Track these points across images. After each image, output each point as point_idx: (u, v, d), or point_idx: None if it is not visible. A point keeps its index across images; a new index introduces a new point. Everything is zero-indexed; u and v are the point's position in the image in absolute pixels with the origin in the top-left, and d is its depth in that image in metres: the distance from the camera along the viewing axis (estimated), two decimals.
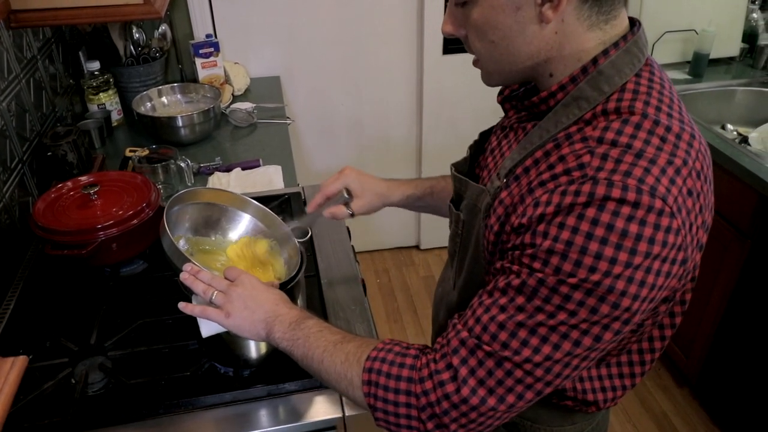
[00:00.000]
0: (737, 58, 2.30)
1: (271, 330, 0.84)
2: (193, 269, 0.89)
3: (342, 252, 1.31)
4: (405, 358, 0.75)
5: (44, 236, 1.14)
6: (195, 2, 2.08)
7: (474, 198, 0.81)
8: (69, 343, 1.05)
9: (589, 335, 0.65)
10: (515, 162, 0.73)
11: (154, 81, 1.97)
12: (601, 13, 0.67)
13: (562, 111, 0.70)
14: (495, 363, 0.68)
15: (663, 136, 0.64)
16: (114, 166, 1.66)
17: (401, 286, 2.67)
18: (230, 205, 1.12)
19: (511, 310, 0.67)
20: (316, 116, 2.43)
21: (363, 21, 2.27)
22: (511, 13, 0.67)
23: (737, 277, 1.73)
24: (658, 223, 0.61)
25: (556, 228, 0.63)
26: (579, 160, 0.64)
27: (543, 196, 0.65)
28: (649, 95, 0.68)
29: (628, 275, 0.61)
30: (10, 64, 1.40)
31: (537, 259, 0.64)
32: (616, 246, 0.60)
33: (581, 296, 0.62)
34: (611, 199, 0.60)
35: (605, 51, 0.68)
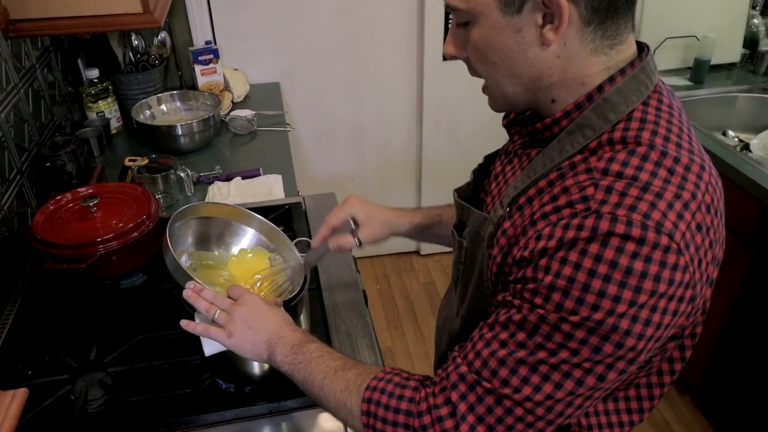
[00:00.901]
0: (738, 64, 2.30)
1: (273, 352, 0.83)
2: (196, 287, 0.88)
3: (343, 263, 1.30)
4: (404, 390, 0.73)
5: (43, 249, 1.13)
6: (194, 9, 2.08)
7: (477, 225, 0.79)
8: (68, 358, 1.04)
9: (592, 374, 0.62)
10: (518, 191, 0.71)
11: (153, 88, 1.96)
12: (605, 38, 0.65)
13: (567, 139, 0.68)
14: (495, 400, 0.66)
15: (671, 168, 0.62)
16: (113, 175, 1.64)
17: (401, 292, 2.66)
18: (233, 219, 1.11)
19: (512, 345, 0.65)
20: (315, 123, 2.43)
21: (363, 27, 2.27)
22: (512, 34, 0.65)
23: (740, 286, 1.73)
24: (664, 260, 0.58)
25: (558, 263, 0.61)
26: (582, 192, 0.62)
27: (545, 229, 0.63)
28: (656, 124, 0.65)
29: (632, 314, 0.59)
30: (8, 74, 1.39)
31: (538, 295, 0.62)
32: (619, 284, 0.58)
33: (583, 335, 0.60)
34: (615, 235, 0.58)
35: (611, 78, 0.67)
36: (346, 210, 1.06)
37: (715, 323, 1.84)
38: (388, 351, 2.36)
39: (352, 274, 1.27)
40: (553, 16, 0.62)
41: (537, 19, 0.63)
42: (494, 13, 0.65)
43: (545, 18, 0.63)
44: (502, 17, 0.64)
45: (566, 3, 0.61)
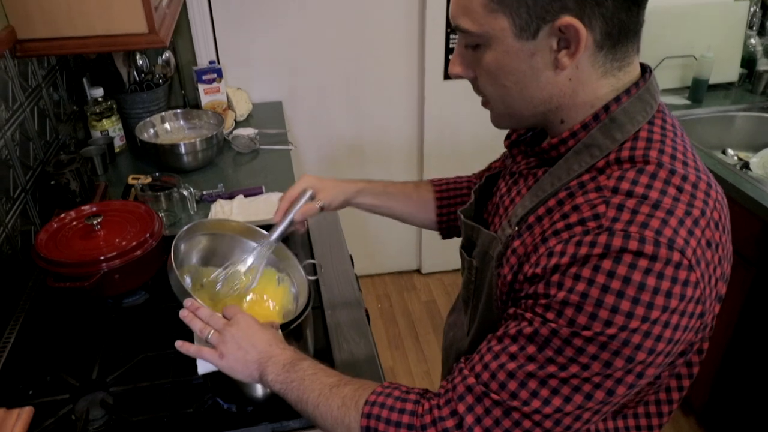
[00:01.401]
0: (736, 83, 2.32)
1: (264, 372, 0.82)
2: (193, 305, 0.89)
3: (345, 282, 1.30)
4: (405, 404, 0.73)
5: (46, 268, 1.14)
6: (198, 29, 2.10)
7: (486, 245, 0.79)
8: (70, 377, 1.03)
9: (601, 389, 0.63)
10: (527, 210, 0.72)
11: (157, 107, 1.98)
12: (615, 60, 0.66)
13: (574, 158, 0.69)
14: (503, 412, 0.66)
15: (679, 186, 0.63)
16: (116, 193, 1.65)
17: (402, 311, 2.65)
18: (240, 236, 1.11)
19: (521, 359, 0.65)
20: (317, 141, 2.44)
21: (364, 46, 2.29)
22: (526, 58, 0.66)
23: (742, 305, 1.72)
24: (676, 276, 0.59)
25: (571, 279, 0.61)
26: (594, 210, 0.63)
27: (557, 246, 0.64)
28: (663, 143, 0.66)
29: (644, 329, 0.60)
30: (15, 94, 1.41)
31: (551, 310, 0.63)
32: (633, 300, 0.59)
33: (595, 350, 0.61)
34: (628, 251, 0.59)
35: (617, 98, 0.68)
36: (300, 184, 1.07)
37: (718, 343, 1.84)
38: (390, 371, 2.34)
39: (354, 292, 1.27)
40: (568, 42, 0.64)
41: (552, 44, 0.65)
42: (509, 38, 0.65)
43: (560, 43, 0.64)
44: (517, 42, 0.65)
45: (584, 29, 0.62)
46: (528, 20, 0.64)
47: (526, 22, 0.64)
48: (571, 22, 0.62)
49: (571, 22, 0.62)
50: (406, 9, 2.24)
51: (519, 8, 0.63)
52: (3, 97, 1.34)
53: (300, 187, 1.06)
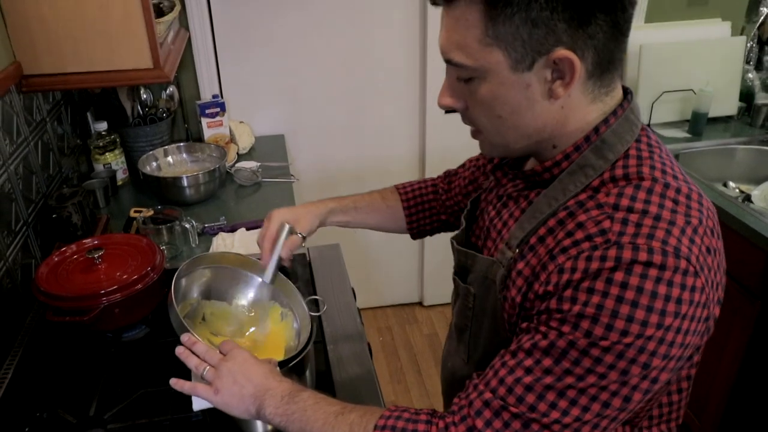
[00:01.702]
0: (735, 116, 2.34)
1: (261, 405, 0.80)
2: (189, 340, 0.88)
3: (348, 315, 1.29)
4: (417, 425, 0.72)
5: (46, 302, 1.12)
6: (202, 64, 2.13)
7: (484, 270, 0.80)
8: (67, 414, 1.01)
9: (618, 396, 0.65)
10: (527, 232, 0.73)
11: (160, 140, 1.99)
12: (603, 87, 0.70)
13: (568, 179, 0.72)
14: (522, 425, 0.67)
15: (675, 199, 0.66)
16: (118, 225, 1.65)
17: (404, 344, 2.62)
18: (242, 269, 1.11)
19: (537, 372, 0.66)
20: (319, 174, 2.45)
21: (366, 80, 2.32)
22: (522, 89, 0.68)
23: (749, 339, 1.70)
24: (684, 283, 0.62)
25: (585, 293, 0.63)
26: (599, 226, 0.65)
27: (567, 263, 0.66)
28: (652, 159, 0.70)
29: (659, 336, 0.62)
30: (19, 128, 1.42)
31: (566, 323, 0.64)
32: (647, 308, 0.61)
33: (612, 359, 0.63)
34: (638, 263, 0.62)
35: (606, 120, 0.71)
36: (275, 220, 1.06)
37: (725, 377, 1.81)
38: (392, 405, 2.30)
39: (356, 326, 1.26)
40: (562, 72, 0.66)
41: (546, 75, 0.67)
42: (504, 70, 0.67)
43: (554, 74, 0.67)
44: (512, 74, 0.67)
45: (578, 61, 0.65)
46: (524, 53, 0.65)
47: (522, 56, 0.66)
48: (566, 54, 0.64)
49: (566, 54, 0.64)
50: (408, 43, 2.27)
51: (515, 42, 0.65)
52: (8, 131, 1.35)
53: (276, 223, 1.06)
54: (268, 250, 1.04)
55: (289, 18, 2.15)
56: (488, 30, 0.65)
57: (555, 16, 0.63)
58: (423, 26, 2.24)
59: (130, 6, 1.35)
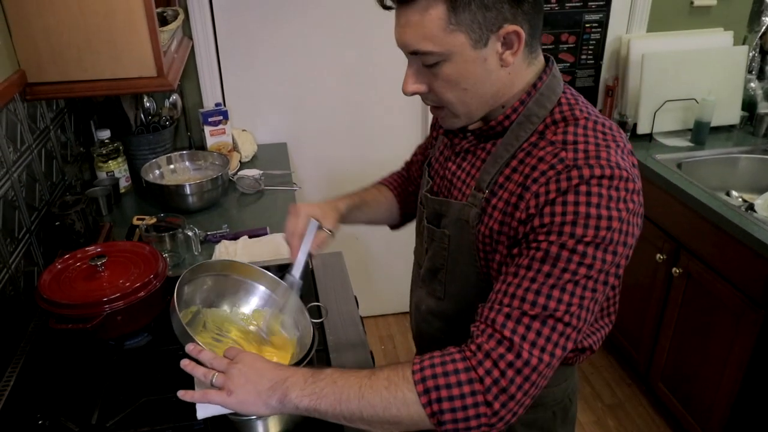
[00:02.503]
0: (738, 125, 2.34)
1: (284, 394, 0.81)
2: (195, 349, 0.88)
3: (350, 323, 1.29)
4: (452, 355, 0.80)
5: (49, 309, 1.12)
6: (205, 72, 2.14)
7: (458, 213, 0.94)
8: (69, 422, 1.01)
9: (600, 282, 0.80)
10: (492, 174, 0.89)
11: (163, 149, 1.99)
12: (533, 52, 0.87)
13: (519, 128, 0.88)
14: (541, 323, 0.79)
15: (603, 131, 0.84)
16: (121, 234, 1.65)
17: (407, 353, 2.61)
18: (244, 277, 1.11)
19: (540, 278, 0.79)
20: (321, 182, 2.45)
21: (368, 88, 2.32)
22: (481, 63, 0.83)
23: (753, 348, 1.70)
24: (627, 187, 0.80)
25: (561, 206, 0.79)
26: (557, 157, 0.82)
27: (540, 189, 0.81)
28: (578, 104, 0.88)
29: (620, 228, 0.79)
30: (23, 135, 1.42)
31: (552, 233, 0.79)
32: (607, 208, 0.78)
33: (593, 251, 0.78)
34: (594, 177, 0.79)
35: (540, 77, 0.88)
36: (302, 214, 1.08)
37: (728, 386, 1.80)
38: None
39: (359, 334, 1.26)
40: (510, 44, 0.82)
41: (497, 47, 0.82)
42: (467, 50, 0.81)
43: (503, 46, 0.82)
44: (473, 52, 0.81)
45: (522, 32, 0.81)
46: (480, 33, 0.80)
47: (480, 35, 0.80)
48: (514, 28, 0.80)
49: (514, 28, 0.80)
50: None
51: (473, 25, 0.79)
52: (11, 139, 1.36)
53: (304, 219, 1.07)
54: (297, 246, 1.06)
55: (291, 27, 2.16)
56: (450, 18, 0.79)
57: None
58: None
59: (134, 15, 1.36)
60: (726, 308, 1.78)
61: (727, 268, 1.76)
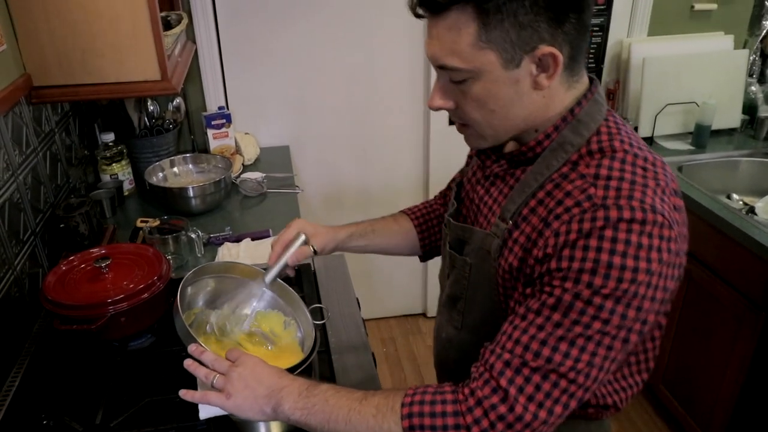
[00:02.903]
0: (738, 129, 2.35)
1: (278, 403, 0.82)
2: (197, 350, 0.89)
3: (352, 325, 1.30)
4: (444, 395, 0.77)
5: (53, 310, 1.13)
6: (209, 76, 2.15)
7: (480, 242, 0.88)
8: (74, 422, 1.02)
9: (618, 339, 0.73)
10: (518, 204, 0.82)
11: (166, 151, 2.01)
12: (574, 75, 0.80)
13: (551, 156, 0.81)
14: (541, 377, 0.73)
15: (644, 166, 0.77)
16: (124, 236, 1.66)
17: (408, 355, 2.62)
18: (246, 278, 1.12)
19: (549, 327, 0.73)
20: (323, 185, 2.47)
21: (370, 93, 2.34)
22: (512, 84, 0.77)
23: (753, 351, 1.70)
24: (661, 234, 0.72)
25: (581, 251, 0.72)
26: (585, 192, 0.75)
27: (561, 227, 0.74)
28: (620, 134, 0.81)
29: (647, 281, 0.71)
30: (28, 138, 1.44)
31: (568, 279, 0.72)
32: (634, 257, 0.70)
33: (612, 305, 0.71)
34: (623, 220, 0.71)
35: (578, 102, 0.81)
36: (293, 227, 1.10)
37: (730, 389, 1.80)
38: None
39: (361, 336, 1.26)
40: (545, 66, 0.76)
41: (532, 69, 0.76)
42: (497, 69, 0.76)
43: (538, 68, 0.76)
44: (504, 72, 0.76)
45: (560, 55, 0.74)
46: (513, 53, 0.74)
47: (512, 55, 0.74)
48: (550, 50, 0.74)
49: (550, 50, 0.74)
50: (412, 55, 2.29)
51: (505, 44, 0.74)
52: (17, 142, 1.37)
53: (293, 231, 1.09)
54: (277, 253, 1.07)
55: (294, 31, 2.17)
56: (481, 35, 0.73)
57: (538, 18, 0.72)
58: None
59: (138, 19, 1.37)
60: (727, 311, 1.78)
61: (728, 271, 1.76)
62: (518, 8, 0.71)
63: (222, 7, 2.09)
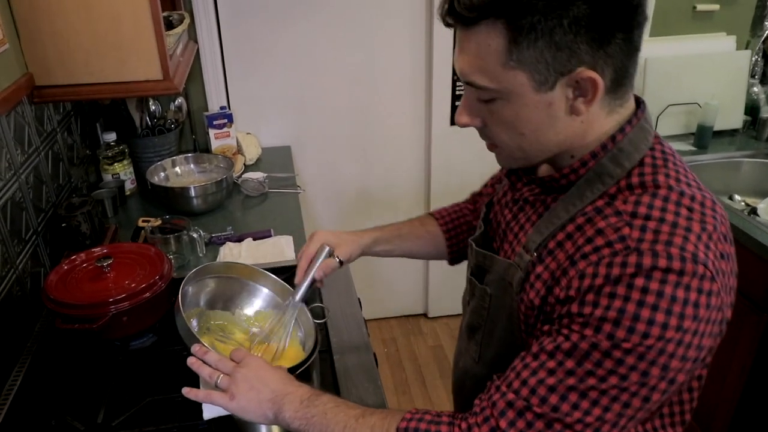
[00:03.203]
0: (740, 130, 2.34)
1: (280, 409, 0.81)
2: (201, 350, 0.89)
3: (354, 325, 1.29)
4: (440, 426, 0.74)
5: (55, 309, 1.13)
6: (210, 76, 2.15)
7: (502, 272, 0.82)
8: (75, 421, 1.02)
9: (638, 397, 0.66)
10: (544, 236, 0.75)
11: (168, 151, 2.01)
12: (617, 99, 0.72)
13: (586, 186, 0.74)
14: (545, 425, 0.68)
15: (690, 206, 0.69)
16: (126, 235, 1.66)
17: (409, 356, 2.62)
18: (247, 279, 1.12)
19: (560, 373, 0.68)
20: (325, 185, 2.47)
21: (372, 94, 2.34)
22: (544, 108, 0.70)
23: (756, 352, 1.70)
24: (701, 287, 0.64)
25: (606, 298, 0.65)
26: (619, 232, 0.67)
27: (588, 268, 0.68)
28: (666, 168, 0.72)
29: (678, 339, 0.64)
30: (30, 138, 1.44)
31: (589, 326, 0.66)
32: (666, 311, 0.63)
33: (633, 361, 0.64)
34: (658, 268, 0.64)
35: (621, 129, 0.73)
36: (316, 240, 1.07)
37: (731, 392, 1.80)
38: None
39: (362, 336, 1.26)
40: (584, 90, 0.68)
41: (568, 93, 0.69)
42: (528, 91, 0.69)
43: (575, 92, 0.69)
44: (535, 95, 0.69)
45: (600, 79, 0.67)
46: (547, 75, 0.67)
47: (545, 77, 0.67)
48: (589, 74, 0.66)
49: (589, 74, 0.66)
50: (414, 56, 2.29)
51: (538, 65, 0.66)
52: (19, 141, 1.37)
53: (317, 244, 1.06)
54: (303, 269, 1.04)
55: (296, 31, 2.17)
56: (512, 54, 0.66)
57: (578, 38, 0.65)
58: (429, 40, 2.26)
59: (140, 19, 1.37)
60: None
61: None
62: (555, 27, 0.64)
63: (224, 8, 2.09)
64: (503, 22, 0.65)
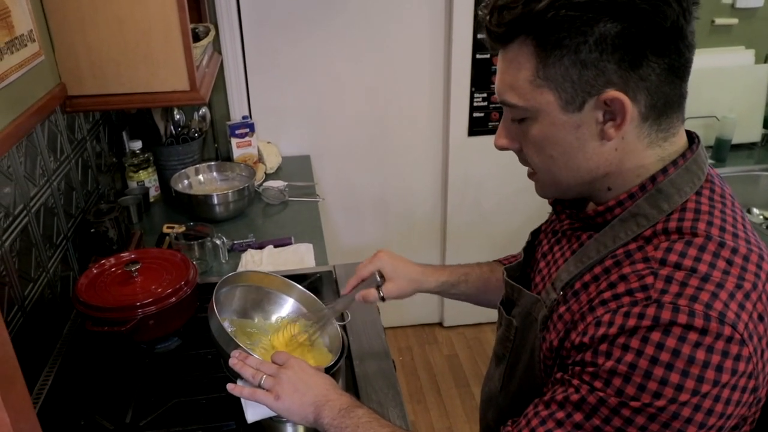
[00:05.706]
0: (759, 143, 2.34)
1: (319, 414, 0.84)
2: (241, 355, 0.92)
3: (373, 332, 1.32)
4: None
5: (86, 312, 1.17)
6: (233, 86, 2.20)
7: (528, 306, 0.81)
8: (105, 421, 1.05)
9: None
10: (572, 275, 0.73)
11: (191, 159, 2.05)
12: (660, 131, 0.69)
13: (620, 226, 0.70)
14: None
15: (729, 259, 0.63)
16: (150, 241, 1.70)
17: (424, 365, 2.63)
18: (275, 289, 1.15)
19: (568, 426, 0.66)
20: (343, 194, 2.50)
21: (389, 103, 2.37)
22: (572, 130, 0.68)
23: None
24: (727, 350, 0.59)
25: (619, 349, 0.62)
26: (642, 281, 0.64)
27: (605, 316, 0.64)
28: (711, 215, 0.67)
29: (695, 403, 0.59)
30: (62, 146, 1.48)
31: (598, 378, 0.63)
32: (682, 372, 0.59)
33: (643, 421, 0.61)
34: (677, 324, 0.60)
35: (664, 169, 0.69)
36: (374, 263, 1.08)
37: None
38: (411, 425, 2.31)
39: (382, 343, 1.28)
40: (614, 114, 0.66)
41: (598, 116, 0.67)
42: (555, 110, 0.68)
43: (605, 115, 0.67)
44: (563, 114, 0.68)
45: (629, 102, 0.65)
46: (574, 94, 0.66)
47: (572, 96, 0.66)
48: (617, 95, 0.64)
49: (617, 95, 0.64)
50: (432, 68, 2.33)
51: (565, 83, 0.66)
52: (52, 149, 1.42)
53: (374, 267, 1.08)
54: (352, 285, 1.08)
55: (316, 44, 2.22)
56: (539, 71, 0.66)
57: (604, 57, 0.63)
58: (447, 52, 2.29)
59: (170, 32, 1.42)
60: None
61: None
62: (581, 44, 0.63)
63: (247, 20, 2.14)
64: (533, 40, 0.66)
